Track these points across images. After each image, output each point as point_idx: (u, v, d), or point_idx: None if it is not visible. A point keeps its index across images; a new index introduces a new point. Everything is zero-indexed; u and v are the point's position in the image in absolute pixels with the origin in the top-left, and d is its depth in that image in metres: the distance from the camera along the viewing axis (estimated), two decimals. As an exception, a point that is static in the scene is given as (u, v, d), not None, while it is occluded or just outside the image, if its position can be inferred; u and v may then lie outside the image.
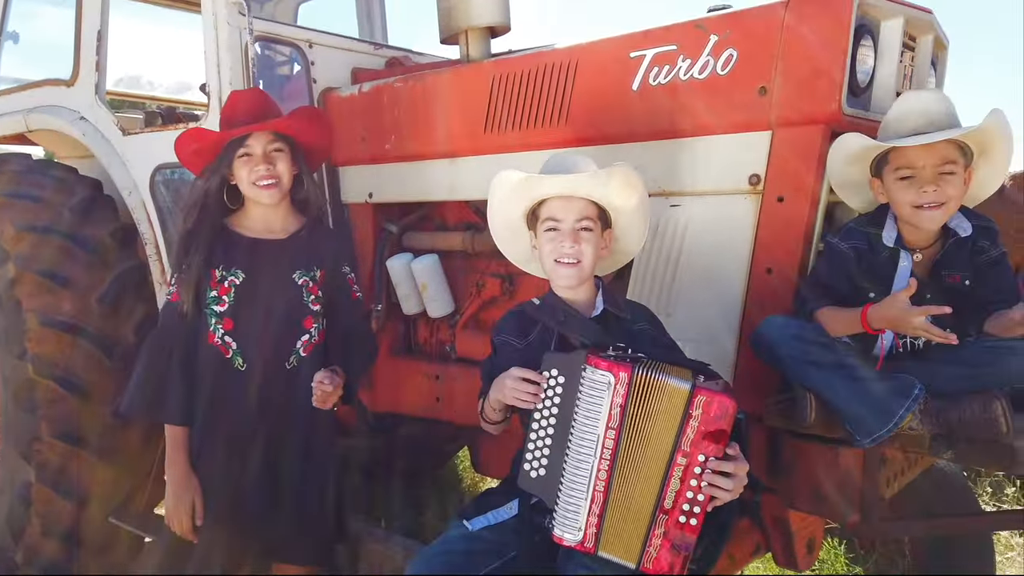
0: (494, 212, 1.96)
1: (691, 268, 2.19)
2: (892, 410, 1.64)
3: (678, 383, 1.56)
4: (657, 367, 1.57)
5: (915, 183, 1.78)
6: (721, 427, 1.53)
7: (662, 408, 1.56)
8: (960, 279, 1.84)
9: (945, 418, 1.64)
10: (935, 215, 1.78)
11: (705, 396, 1.54)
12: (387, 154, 3.00)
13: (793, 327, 1.80)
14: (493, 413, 1.87)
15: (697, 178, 2.18)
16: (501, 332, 1.94)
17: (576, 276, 1.85)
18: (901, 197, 1.81)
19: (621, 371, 1.56)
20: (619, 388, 1.56)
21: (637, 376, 1.56)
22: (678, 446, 1.56)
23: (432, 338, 3.14)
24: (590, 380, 1.58)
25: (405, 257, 3.04)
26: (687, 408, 1.55)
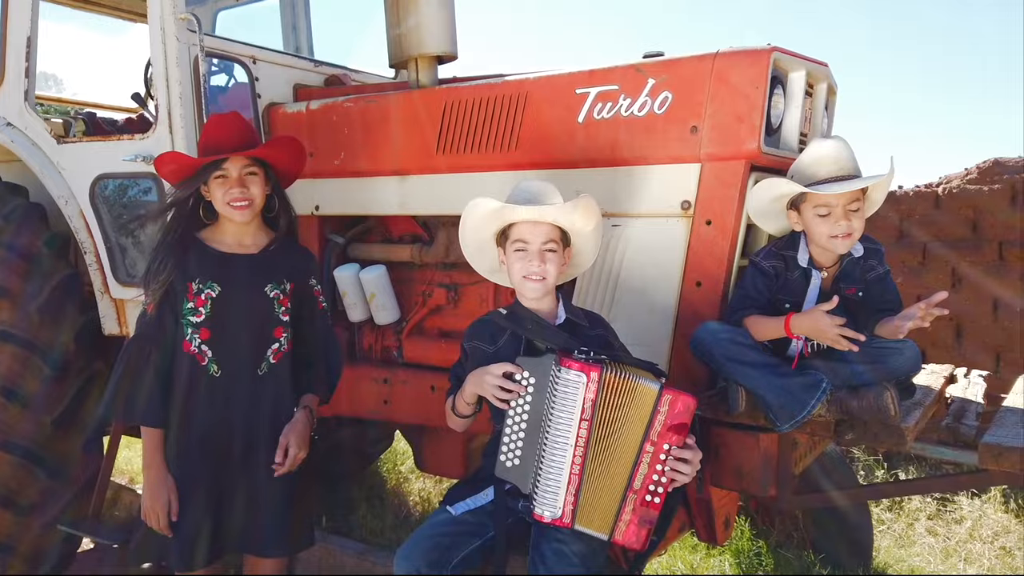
0: (467, 231, 2.19)
1: (630, 281, 2.49)
2: (806, 400, 2.00)
3: (648, 384, 1.84)
4: (623, 369, 1.86)
5: (830, 219, 2.14)
6: (684, 421, 1.83)
7: (633, 404, 1.84)
8: (855, 291, 2.22)
9: (847, 406, 2.01)
10: (847, 243, 2.16)
11: (671, 395, 1.84)
12: (336, 169, 3.15)
13: (726, 331, 2.13)
14: (465, 408, 2.10)
15: (635, 202, 2.48)
16: (472, 338, 2.17)
17: (542, 290, 2.11)
18: (819, 229, 2.16)
19: (592, 371, 1.83)
20: (591, 385, 1.83)
21: (606, 375, 1.84)
22: (647, 436, 1.84)
23: (378, 344, 3.31)
24: (564, 379, 1.84)
25: (352, 267, 3.19)
26: (656, 404, 1.84)
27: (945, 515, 4.04)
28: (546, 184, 2.14)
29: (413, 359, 3.17)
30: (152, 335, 2.31)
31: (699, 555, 3.48)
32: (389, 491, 4.92)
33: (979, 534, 3.75)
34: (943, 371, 2.69)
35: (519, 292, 2.15)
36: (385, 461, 5.27)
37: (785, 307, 2.22)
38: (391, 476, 5.12)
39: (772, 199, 2.22)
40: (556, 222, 2.09)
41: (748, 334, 2.13)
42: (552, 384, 1.87)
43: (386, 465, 5.26)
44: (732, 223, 2.32)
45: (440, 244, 3.06)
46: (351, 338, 3.36)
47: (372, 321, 3.22)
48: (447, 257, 3.05)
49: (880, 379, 2.02)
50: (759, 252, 2.30)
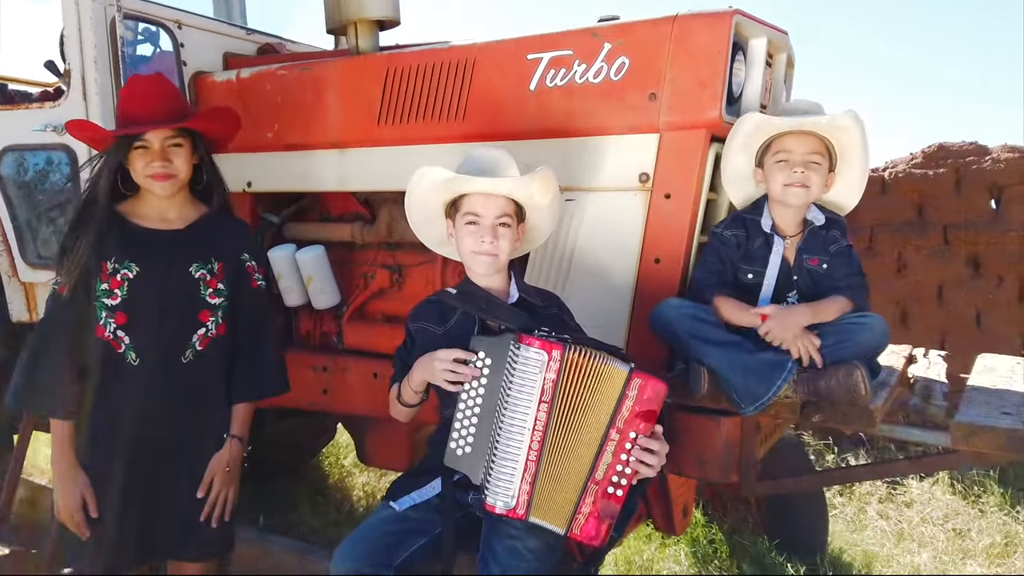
0: (413, 202, 2.02)
1: (585, 257, 2.36)
2: (772, 380, 1.89)
3: (617, 366, 1.71)
4: (587, 349, 1.71)
5: (788, 166, 2.07)
6: (652, 408, 1.70)
7: (600, 387, 1.71)
8: (818, 263, 2.13)
9: (814, 386, 1.91)
10: (800, 193, 2.07)
11: (641, 379, 1.70)
12: (269, 143, 2.94)
13: (689, 308, 2.01)
14: (412, 396, 1.93)
15: (591, 175, 2.34)
16: (418, 319, 2.00)
17: (493, 265, 1.95)
18: (776, 177, 2.08)
19: (554, 348, 1.68)
20: (552, 365, 1.68)
21: (569, 355, 1.69)
22: (613, 423, 1.71)
23: (316, 330, 3.11)
24: (524, 358, 1.69)
25: (288, 248, 2.99)
26: (624, 389, 1.70)
27: (896, 498, 4.04)
28: (501, 152, 1.98)
29: (354, 345, 2.99)
30: (63, 319, 2.08)
31: (654, 545, 3.39)
32: (331, 486, 4.72)
33: (930, 516, 3.74)
34: (901, 351, 2.63)
35: (468, 268, 1.99)
36: (327, 455, 5.06)
37: (748, 278, 2.12)
38: (333, 470, 4.91)
39: (741, 147, 2.14)
40: (511, 195, 1.94)
41: (711, 311, 2.02)
42: (510, 364, 1.72)
43: (328, 459, 5.05)
44: (692, 196, 2.20)
45: (382, 222, 2.88)
46: (288, 324, 3.16)
47: (310, 306, 3.03)
48: (390, 236, 2.88)
49: (848, 356, 1.92)
50: (721, 222, 2.20)
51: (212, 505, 2.17)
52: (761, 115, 2.08)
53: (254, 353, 2.28)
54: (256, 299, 2.31)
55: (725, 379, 1.95)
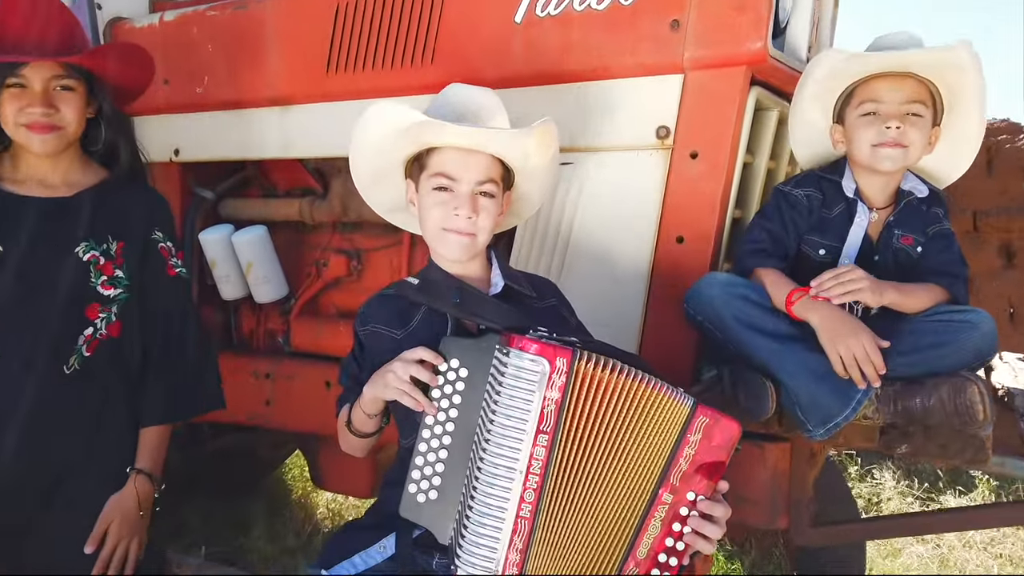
0: (362, 153, 1.51)
1: (586, 237, 1.86)
2: (850, 394, 1.40)
3: (675, 394, 1.22)
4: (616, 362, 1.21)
5: (878, 120, 1.58)
6: (720, 459, 1.22)
7: (642, 422, 1.22)
8: (913, 242, 1.65)
9: (904, 405, 1.41)
10: (895, 155, 1.57)
11: (708, 417, 1.22)
12: (198, 101, 2.45)
13: (740, 286, 1.52)
14: (365, 421, 1.43)
15: (594, 131, 1.84)
16: (369, 320, 1.49)
17: (468, 250, 1.45)
18: (861, 135, 1.59)
19: (558, 355, 1.17)
20: (555, 379, 1.17)
21: (582, 366, 1.18)
22: (666, 478, 1.22)
23: (259, 329, 2.62)
24: (514, 368, 1.18)
25: (223, 229, 2.51)
26: (685, 430, 1.21)
27: (930, 517, 3.57)
28: (487, 95, 1.48)
29: (304, 347, 2.50)
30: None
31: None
32: (293, 504, 4.21)
33: (973, 540, 3.28)
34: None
35: (435, 249, 1.48)
36: (291, 466, 4.55)
37: (819, 254, 1.63)
38: (297, 485, 4.40)
39: (815, 94, 1.66)
40: (500, 155, 1.44)
41: (765, 293, 1.52)
42: (495, 376, 1.22)
43: (292, 471, 4.54)
44: (727, 156, 1.70)
45: (336, 197, 2.37)
46: (225, 321, 2.66)
47: (251, 299, 2.54)
48: (346, 214, 2.38)
49: (948, 366, 1.43)
50: (788, 180, 1.71)
51: (105, 563, 1.64)
52: (843, 51, 1.58)
53: (169, 360, 1.76)
54: (172, 291, 1.79)
55: (787, 388, 1.46)
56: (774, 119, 1.87)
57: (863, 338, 1.40)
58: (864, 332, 1.40)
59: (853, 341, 1.40)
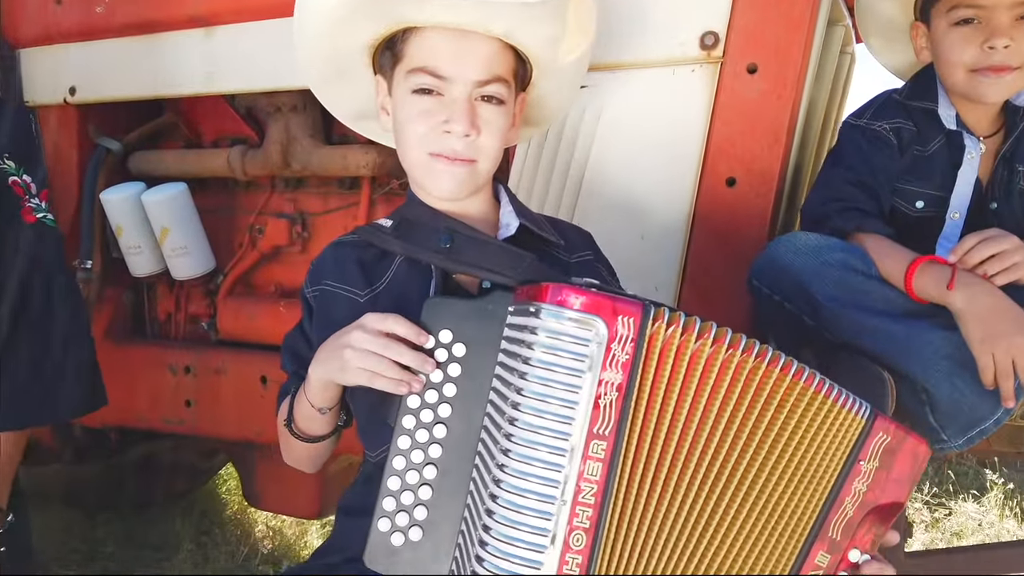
0: (309, 34, 1.03)
1: (606, 177, 1.44)
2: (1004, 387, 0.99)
3: (842, 399, 0.81)
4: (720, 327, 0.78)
5: (979, 32, 1.17)
6: (900, 498, 0.83)
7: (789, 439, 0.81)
8: None
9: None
10: (1001, 84, 1.18)
11: (889, 435, 0.82)
12: (98, 24, 1.95)
13: (838, 250, 1.09)
14: (313, 418, 0.98)
15: (617, 41, 1.42)
16: (321, 276, 1.05)
17: (466, 183, 1.01)
18: (955, 53, 1.19)
19: (621, 313, 0.72)
20: (616, 351, 0.72)
21: (658, 329, 0.74)
22: (823, 530, 0.80)
23: (179, 312, 2.15)
24: (549, 334, 0.73)
25: (132, 188, 2.03)
26: (855, 455, 0.81)
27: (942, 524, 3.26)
28: None
29: (235, 334, 2.04)
30: None
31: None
32: (227, 520, 3.72)
33: (995, 549, 2.96)
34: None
35: (417, 181, 1.03)
36: (227, 477, 4.05)
37: (917, 206, 1.22)
38: (232, 498, 3.90)
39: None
40: (512, 38, 0.99)
41: (869, 259, 1.10)
42: (512, 353, 0.79)
43: (228, 482, 4.04)
44: (796, 71, 1.29)
45: (275, 146, 1.91)
46: (136, 302, 2.18)
47: (167, 274, 2.06)
48: (288, 167, 1.92)
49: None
50: (861, 110, 1.29)
51: None
52: None
53: (22, 342, 1.28)
54: (30, 244, 1.30)
55: (911, 382, 1.04)
56: (840, 39, 1.48)
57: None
58: None
59: (1021, 338, 0.98)
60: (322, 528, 3.28)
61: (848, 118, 1.30)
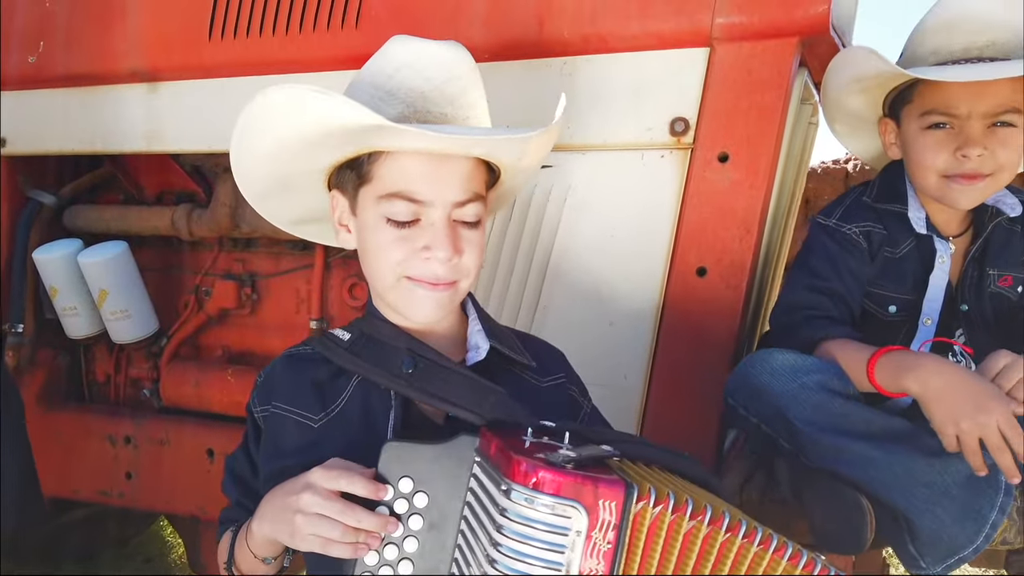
0: (257, 155, 0.94)
1: (570, 266, 1.38)
2: (981, 512, 0.96)
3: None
4: (708, 503, 0.71)
5: (952, 138, 1.14)
6: None
7: None
8: (1013, 281, 1.23)
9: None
10: (974, 191, 1.15)
11: None
12: (31, 74, 1.84)
13: (815, 372, 1.05)
14: (257, 567, 0.91)
15: (585, 123, 1.37)
16: (270, 395, 0.96)
17: (448, 305, 0.94)
18: (928, 158, 1.15)
19: (603, 496, 0.66)
20: (598, 539, 0.66)
21: (642, 511, 0.68)
22: None
23: (119, 376, 2.02)
24: (521, 519, 0.66)
25: (68, 246, 1.91)
26: None
27: None
28: (452, 51, 0.95)
29: (179, 402, 1.91)
30: None
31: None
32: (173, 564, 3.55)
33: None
34: None
35: (393, 305, 0.95)
36: (171, 518, 3.88)
37: (889, 310, 1.19)
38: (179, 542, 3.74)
39: (851, 89, 1.22)
40: (491, 157, 0.93)
41: (846, 376, 1.06)
42: (481, 521, 0.72)
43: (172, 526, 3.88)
44: (769, 160, 1.25)
45: (223, 205, 1.81)
46: (72, 367, 2.04)
47: (107, 337, 1.94)
48: (237, 228, 1.82)
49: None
50: (830, 209, 1.26)
51: None
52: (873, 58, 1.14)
53: None
54: None
55: (888, 509, 1.00)
56: (808, 115, 1.45)
57: (996, 409, 0.94)
58: (997, 399, 0.95)
59: (983, 416, 0.94)
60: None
61: (818, 217, 1.26)
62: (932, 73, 1.11)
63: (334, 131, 0.87)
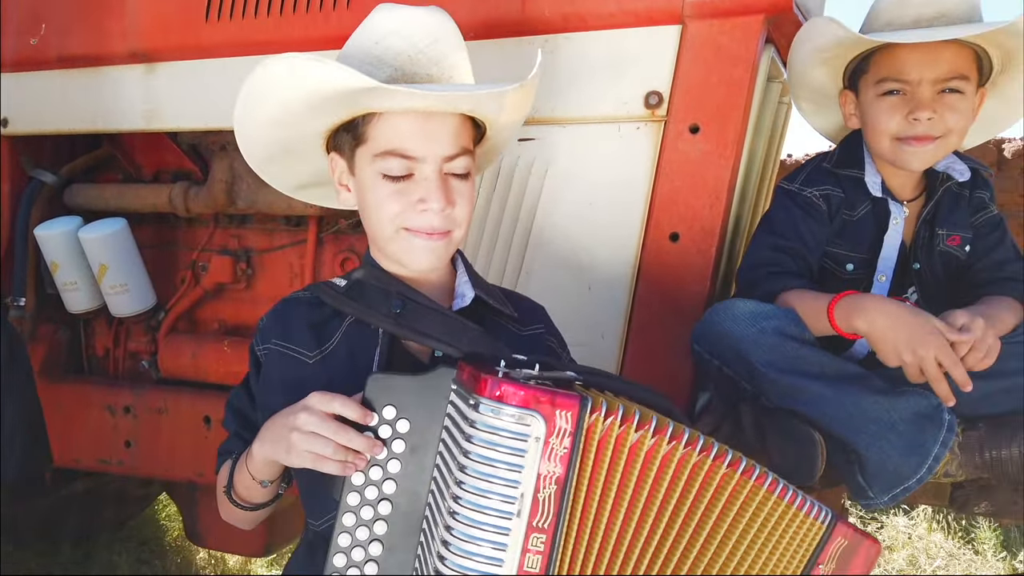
0: (259, 121, 1.02)
1: (552, 232, 1.46)
2: (925, 446, 1.05)
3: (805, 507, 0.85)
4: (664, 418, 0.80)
5: (904, 103, 1.22)
6: None
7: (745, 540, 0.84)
8: (960, 240, 1.32)
9: (994, 456, 1.08)
10: (924, 152, 1.23)
11: (847, 539, 0.87)
12: (33, 56, 1.90)
13: (773, 318, 1.13)
14: (254, 489, 0.99)
15: (564, 98, 1.44)
16: (273, 335, 1.03)
17: (445, 254, 1.02)
18: (882, 122, 1.24)
19: (560, 407, 0.74)
20: (555, 445, 0.74)
21: (595, 422, 0.76)
22: None
23: (118, 349, 2.08)
24: (488, 429, 0.74)
25: (68, 223, 1.97)
26: (815, 559, 0.86)
27: (875, 539, 3.35)
28: (436, 16, 1.03)
29: (176, 373, 1.98)
30: None
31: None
32: (168, 547, 3.62)
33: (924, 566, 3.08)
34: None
35: (392, 255, 1.03)
36: (166, 503, 3.94)
37: (846, 269, 1.27)
38: (173, 525, 3.80)
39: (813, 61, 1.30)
40: (476, 112, 1.01)
41: (803, 322, 1.15)
42: (454, 438, 0.80)
43: (167, 508, 3.94)
44: (737, 130, 1.33)
45: (219, 182, 1.87)
46: (73, 340, 2.10)
47: (106, 311, 2.00)
48: (232, 204, 1.89)
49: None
50: (794, 174, 1.34)
51: None
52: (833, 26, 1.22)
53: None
54: None
55: (840, 443, 1.09)
56: (776, 93, 1.53)
57: (933, 342, 1.03)
58: (934, 334, 1.05)
59: (921, 349, 1.03)
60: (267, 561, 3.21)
61: (782, 182, 1.35)
62: (884, 36, 1.20)
63: (329, 95, 0.95)
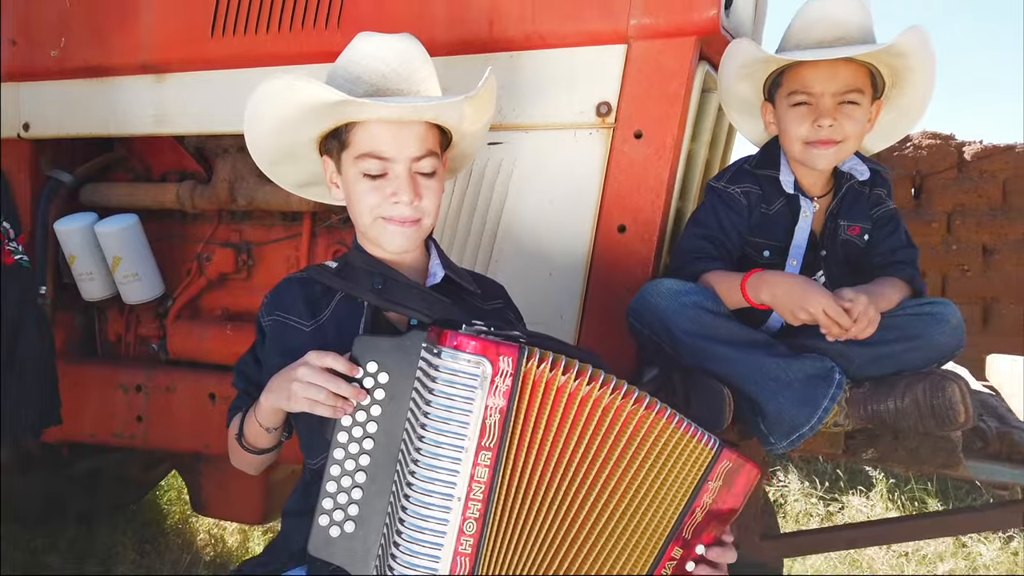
0: (261, 131, 1.25)
1: (517, 225, 1.66)
2: (815, 399, 1.26)
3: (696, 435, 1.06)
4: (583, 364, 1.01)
5: (810, 112, 1.43)
6: (737, 505, 1.09)
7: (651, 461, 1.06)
8: (860, 231, 1.52)
9: (875, 409, 1.29)
10: (828, 154, 1.44)
11: (731, 462, 1.08)
12: (53, 66, 2.08)
13: (692, 293, 1.34)
14: (261, 435, 1.18)
15: (526, 107, 1.65)
16: (276, 308, 1.24)
17: (415, 238, 1.23)
18: (792, 129, 1.45)
19: (503, 354, 0.96)
20: (499, 383, 0.96)
21: (530, 367, 0.97)
22: (678, 532, 1.06)
23: (130, 334, 2.27)
24: (448, 371, 0.96)
25: (84, 219, 2.14)
26: (705, 477, 1.06)
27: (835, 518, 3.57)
28: (406, 41, 1.25)
29: (183, 355, 2.17)
30: None
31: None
32: (169, 529, 3.78)
33: (880, 538, 3.27)
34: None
35: (372, 239, 1.24)
36: (167, 488, 4.11)
37: (764, 256, 1.48)
38: (174, 508, 3.96)
39: (738, 76, 1.50)
40: (438, 120, 1.23)
41: (719, 298, 1.36)
42: (423, 383, 1.00)
43: (168, 493, 4.10)
44: (674, 136, 1.54)
45: (222, 182, 2.06)
46: (88, 325, 2.29)
47: (119, 299, 2.18)
48: (234, 201, 2.08)
49: (918, 363, 1.32)
50: (721, 174, 1.55)
51: None
52: (757, 49, 1.44)
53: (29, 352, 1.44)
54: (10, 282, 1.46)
55: (748, 397, 1.30)
56: (715, 104, 1.73)
57: (819, 300, 1.28)
58: (819, 293, 1.29)
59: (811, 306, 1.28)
60: (263, 535, 3.38)
61: (711, 180, 1.55)
62: (791, 55, 1.41)
63: (317, 108, 1.16)
